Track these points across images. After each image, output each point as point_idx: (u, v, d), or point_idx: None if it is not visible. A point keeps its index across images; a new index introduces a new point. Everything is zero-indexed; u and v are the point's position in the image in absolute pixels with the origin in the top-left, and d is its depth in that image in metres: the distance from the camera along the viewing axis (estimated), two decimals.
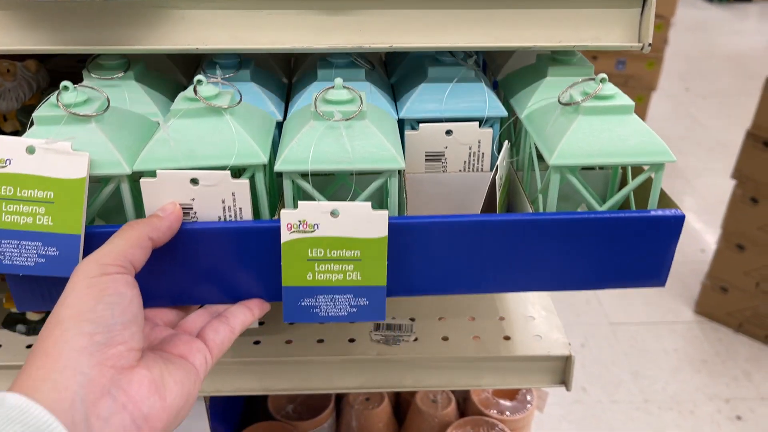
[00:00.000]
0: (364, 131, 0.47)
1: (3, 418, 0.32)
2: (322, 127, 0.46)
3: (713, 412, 1.76)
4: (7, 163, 0.43)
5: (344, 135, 0.46)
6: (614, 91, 0.49)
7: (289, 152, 0.46)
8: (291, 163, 0.46)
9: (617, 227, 0.47)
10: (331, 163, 0.46)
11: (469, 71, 0.57)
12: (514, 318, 0.72)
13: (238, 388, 0.69)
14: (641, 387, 1.86)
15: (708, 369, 1.90)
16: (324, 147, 0.46)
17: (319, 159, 0.46)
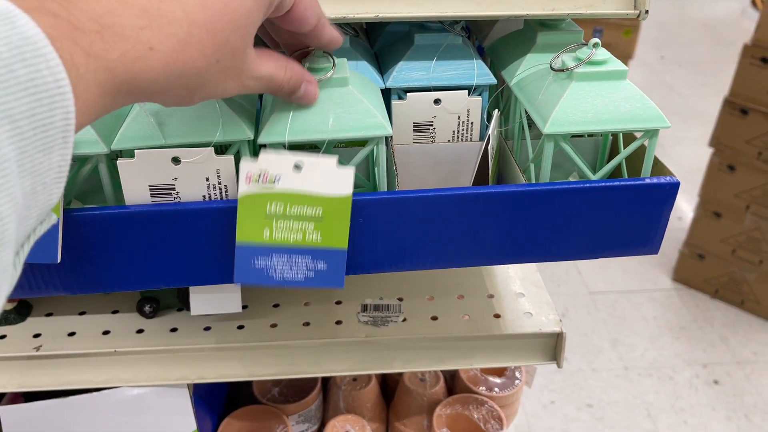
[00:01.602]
0: (347, 98, 0.45)
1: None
2: None
3: (691, 377, 1.80)
4: None
5: (326, 103, 0.44)
6: (607, 56, 0.48)
7: (270, 124, 0.44)
8: (273, 134, 0.44)
9: (614, 196, 0.46)
10: (314, 133, 0.44)
11: (456, 38, 0.55)
12: (503, 295, 0.72)
13: (222, 374, 0.67)
14: (621, 354, 1.89)
15: (686, 335, 1.94)
16: (306, 116, 0.44)
17: (300, 129, 0.44)
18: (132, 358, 0.66)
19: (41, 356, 0.65)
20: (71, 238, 0.43)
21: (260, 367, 0.67)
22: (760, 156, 1.72)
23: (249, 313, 0.70)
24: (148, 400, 0.68)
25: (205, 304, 0.67)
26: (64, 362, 0.66)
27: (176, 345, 0.66)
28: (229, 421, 0.80)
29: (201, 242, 0.45)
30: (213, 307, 0.67)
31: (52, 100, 0.26)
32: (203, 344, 0.66)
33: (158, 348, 0.66)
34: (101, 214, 0.43)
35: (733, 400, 1.73)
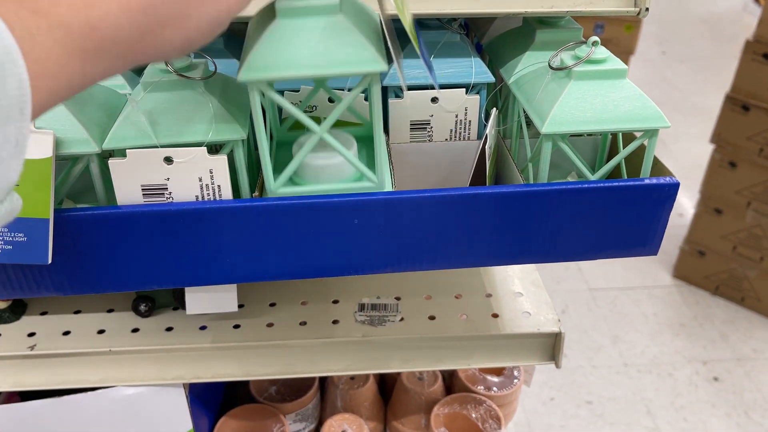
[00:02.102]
0: (340, 29, 0.39)
1: None
2: (291, 26, 0.39)
3: (691, 374, 1.80)
4: None
5: (313, 33, 0.38)
6: (606, 54, 0.47)
7: (251, 58, 0.38)
8: (255, 70, 0.38)
9: (614, 197, 0.45)
10: (300, 68, 0.38)
11: (454, 35, 0.54)
12: (501, 294, 0.71)
13: (218, 374, 0.67)
14: (621, 351, 1.89)
15: (686, 332, 1.93)
16: (290, 49, 0.38)
17: (284, 64, 0.38)
18: (127, 358, 0.66)
19: (36, 355, 0.65)
20: (62, 239, 0.43)
21: (257, 366, 0.67)
22: (761, 152, 1.72)
23: (245, 312, 0.70)
24: (143, 400, 0.67)
25: (201, 303, 0.66)
26: (59, 361, 0.65)
27: (172, 344, 0.66)
28: (225, 420, 0.79)
29: (194, 242, 0.44)
30: (209, 306, 0.66)
31: (1, 68, 0.24)
32: (199, 343, 0.66)
33: (154, 347, 0.65)
34: (93, 215, 0.42)
35: (733, 397, 1.73)
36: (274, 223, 0.44)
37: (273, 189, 0.44)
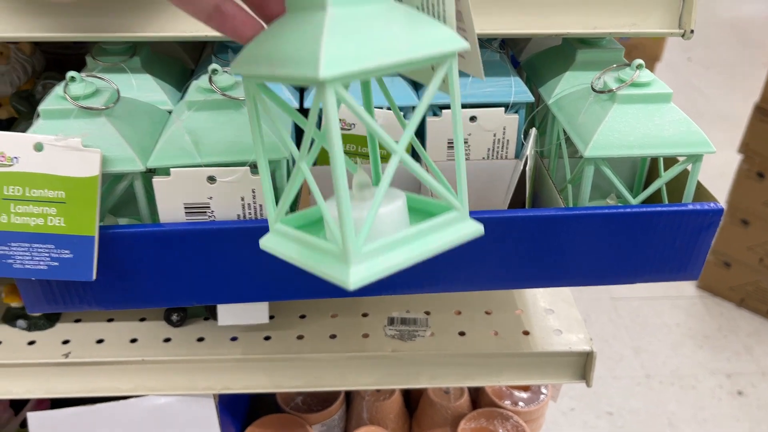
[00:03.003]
0: (403, 12, 0.34)
1: None
2: (349, 15, 0.32)
3: (714, 387, 1.77)
4: (14, 161, 0.40)
5: (383, 20, 0.33)
6: (651, 78, 0.47)
7: (327, 53, 0.29)
8: (337, 65, 0.29)
9: (657, 221, 0.45)
10: (385, 56, 0.31)
11: (494, 54, 0.54)
12: (532, 311, 0.71)
13: (247, 386, 0.67)
14: (642, 362, 1.87)
15: (710, 344, 1.91)
16: (363, 39, 0.31)
17: (365, 54, 0.31)
18: (159, 367, 0.66)
19: (70, 363, 0.66)
20: (106, 256, 0.43)
21: (286, 379, 0.67)
22: None
23: (275, 324, 0.70)
24: (174, 410, 0.68)
25: (233, 315, 0.67)
26: (93, 369, 0.66)
27: (203, 355, 0.66)
28: (252, 430, 0.80)
29: (235, 261, 0.45)
30: (240, 318, 0.67)
31: None
32: (229, 355, 0.66)
33: (185, 357, 0.66)
34: (137, 232, 0.43)
35: (757, 411, 1.70)
36: None
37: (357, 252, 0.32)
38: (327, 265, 0.32)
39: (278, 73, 0.30)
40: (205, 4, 0.33)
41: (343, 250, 0.31)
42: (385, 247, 0.32)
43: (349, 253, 0.30)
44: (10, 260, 0.41)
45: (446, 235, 0.34)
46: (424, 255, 0.33)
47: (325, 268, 0.32)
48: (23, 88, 0.68)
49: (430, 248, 0.33)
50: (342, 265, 0.31)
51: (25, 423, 0.83)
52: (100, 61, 0.51)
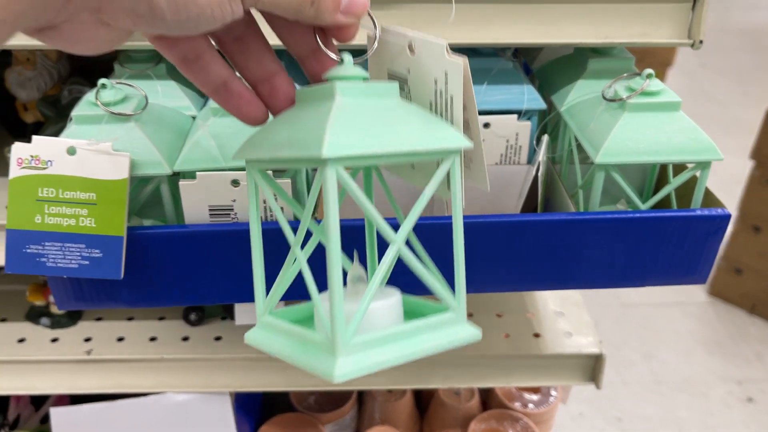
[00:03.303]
0: (411, 109, 0.34)
1: None
2: (354, 105, 0.32)
3: (725, 393, 1.77)
4: (48, 165, 0.42)
5: (374, 113, 0.32)
6: (660, 87, 0.48)
7: (339, 131, 0.29)
8: (341, 146, 0.29)
9: (665, 226, 0.46)
10: (384, 146, 0.30)
11: (507, 62, 0.56)
12: (543, 314, 0.72)
13: (263, 384, 0.69)
14: (652, 368, 1.87)
15: (720, 351, 1.90)
16: (360, 132, 0.31)
17: (364, 141, 0.30)
18: (177, 365, 0.68)
19: (92, 360, 0.68)
20: (134, 255, 0.45)
21: (300, 377, 0.69)
22: None
23: None
24: (191, 407, 0.69)
25: (250, 314, 0.69)
26: (113, 366, 0.68)
27: (220, 354, 0.68)
28: (266, 429, 0.81)
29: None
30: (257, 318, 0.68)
31: None
32: (246, 354, 0.68)
33: (202, 356, 0.68)
34: (163, 233, 0.44)
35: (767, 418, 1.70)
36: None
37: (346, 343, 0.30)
38: (312, 357, 0.30)
39: (281, 155, 0.30)
40: (214, 78, 0.33)
41: (331, 341, 0.29)
42: (376, 341, 0.30)
43: (337, 344, 0.29)
44: (44, 259, 0.43)
45: (441, 336, 0.33)
46: (416, 354, 0.31)
47: (310, 359, 0.30)
48: (49, 93, 0.70)
49: (423, 348, 0.32)
50: (329, 356, 0.29)
51: (45, 419, 0.85)
52: (128, 68, 0.53)
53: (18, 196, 0.42)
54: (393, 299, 0.33)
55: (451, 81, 0.34)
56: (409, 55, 0.35)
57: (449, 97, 0.34)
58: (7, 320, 0.73)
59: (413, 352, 0.31)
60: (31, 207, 0.42)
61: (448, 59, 0.33)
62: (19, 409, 0.83)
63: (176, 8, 0.26)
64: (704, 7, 0.46)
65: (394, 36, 0.35)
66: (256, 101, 0.35)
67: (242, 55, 0.34)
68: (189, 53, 0.32)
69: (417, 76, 0.35)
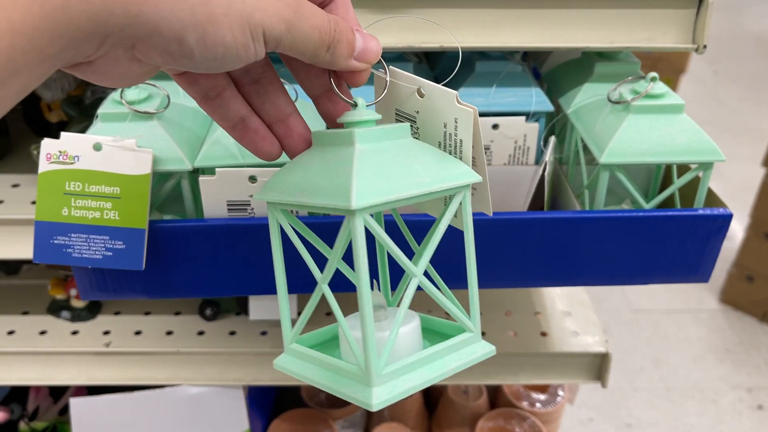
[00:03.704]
0: (425, 148, 0.36)
1: None
2: (370, 151, 0.33)
3: (735, 401, 1.76)
4: (75, 160, 0.44)
5: (390, 155, 0.34)
6: (664, 90, 0.49)
7: (364, 183, 0.31)
8: (367, 196, 0.31)
9: (668, 225, 0.48)
10: (406, 188, 0.32)
11: (516, 66, 0.57)
12: (550, 313, 0.73)
13: (276, 378, 0.71)
14: (663, 375, 1.87)
15: (731, 358, 1.90)
16: (377, 173, 0.32)
17: (386, 187, 0.32)
18: (193, 359, 0.70)
19: (110, 352, 0.70)
20: (154, 248, 0.47)
21: None
22: None
23: None
24: (205, 400, 0.71)
25: (263, 310, 0.71)
26: (131, 359, 0.70)
27: (234, 348, 0.70)
28: (278, 423, 0.83)
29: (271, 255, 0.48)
30: (271, 313, 0.70)
31: None
32: (259, 348, 0.70)
33: (217, 350, 0.70)
34: (184, 226, 0.46)
35: None
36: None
37: (379, 373, 0.32)
38: (348, 386, 0.33)
39: (307, 202, 0.32)
40: (233, 114, 0.35)
41: (365, 372, 0.32)
42: (405, 368, 0.33)
43: (371, 376, 0.32)
44: (70, 249, 0.45)
45: (461, 356, 0.35)
46: (442, 376, 0.34)
47: (347, 390, 0.33)
48: (73, 93, 0.73)
49: (447, 369, 0.34)
50: (364, 387, 0.32)
51: (63, 411, 0.87)
52: None
53: (47, 190, 0.45)
54: (413, 324, 0.36)
55: (461, 126, 0.36)
56: (418, 98, 0.37)
57: (459, 140, 0.36)
58: (29, 313, 0.75)
59: (439, 374, 0.34)
60: (59, 200, 0.45)
61: (459, 107, 0.35)
62: (38, 401, 0.85)
63: (204, 47, 0.28)
64: (708, 12, 0.47)
65: (404, 79, 0.37)
66: (271, 138, 0.36)
67: (259, 97, 0.36)
68: (210, 91, 0.34)
69: (426, 119, 0.37)
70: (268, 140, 0.36)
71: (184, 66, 0.29)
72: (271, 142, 0.36)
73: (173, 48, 0.27)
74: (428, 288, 0.35)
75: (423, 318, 0.39)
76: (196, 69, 0.29)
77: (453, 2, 0.49)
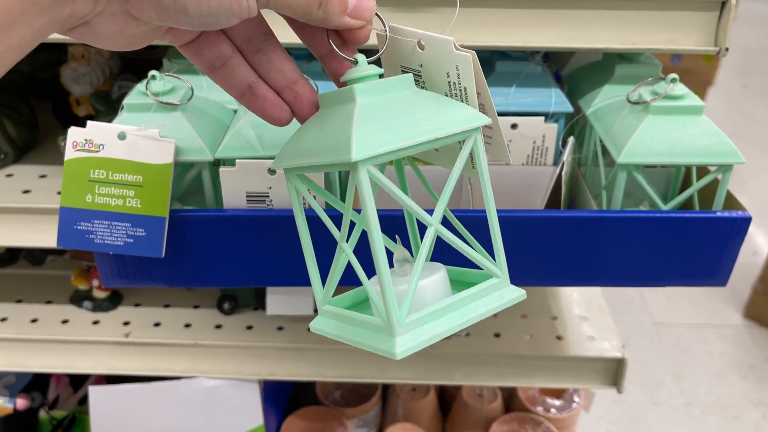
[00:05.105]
0: (426, 96, 0.36)
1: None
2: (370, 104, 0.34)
3: (758, 418, 1.73)
4: (100, 148, 0.45)
5: (396, 105, 0.34)
6: (684, 91, 0.49)
7: (365, 134, 0.31)
8: (368, 147, 0.31)
9: (685, 227, 0.47)
10: (411, 136, 0.32)
11: (536, 66, 0.57)
12: (566, 317, 0.73)
13: (291, 373, 0.71)
14: (683, 390, 1.84)
15: (755, 374, 1.86)
16: (383, 121, 0.33)
17: (388, 136, 0.32)
18: (210, 351, 0.71)
19: (130, 343, 0.71)
20: (174, 236, 0.48)
21: (327, 368, 0.71)
22: None
23: None
24: (221, 392, 0.72)
25: (280, 305, 0.71)
26: (150, 350, 0.71)
27: (251, 342, 0.71)
28: (292, 420, 0.83)
29: (289, 246, 0.49)
30: (287, 309, 0.71)
31: None
32: (276, 343, 0.71)
33: (234, 343, 0.71)
34: (204, 216, 0.47)
35: None
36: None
37: (400, 323, 0.33)
38: (373, 339, 0.33)
39: (315, 162, 0.33)
40: (240, 82, 0.36)
41: (387, 323, 0.32)
42: (428, 316, 0.33)
43: (393, 326, 0.32)
44: (92, 236, 0.46)
45: (488, 301, 0.35)
46: (466, 323, 0.34)
47: (372, 341, 0.33)
48: (101, 88, 0.74)
49: (472, 316, 0.34)
50: (388, 337, 0.32)
51: (83, 401, 0.89)
52: (176, 63, 0.56)
53: (72, 177, 0.46)
54: (438, 275, 0.35)
55: (463, 73, 0.36)
56: (419, 51, 0.37)
57: (463, 87, 0.36)
58: (52, 302, 0.77)
59: (463, 321, 0.34)
60: (84, 187, 0.46)
61: (458, 54, 0.35)
62: (58, 390, 0.87)
63: (198, 1, 0.28)
64: (730, 15, 0.47)
65: (404, 34, 0.37)
66: (280, 103, 0.37)
67: (263, 66, 0.36)
68: (215, 60, 0.35)
69: (430, 70, 0.38)
70: (278, 106, 0.37)
71: (180, 22, 0.29)
72: (281, 108, 0.37)
73: (167, 2, 0.28)
74: (446, 236, 0.34)
75: (454, 271, 0.38)
76: (192, 25, 0.30)
77: (474, 1, 0.49)
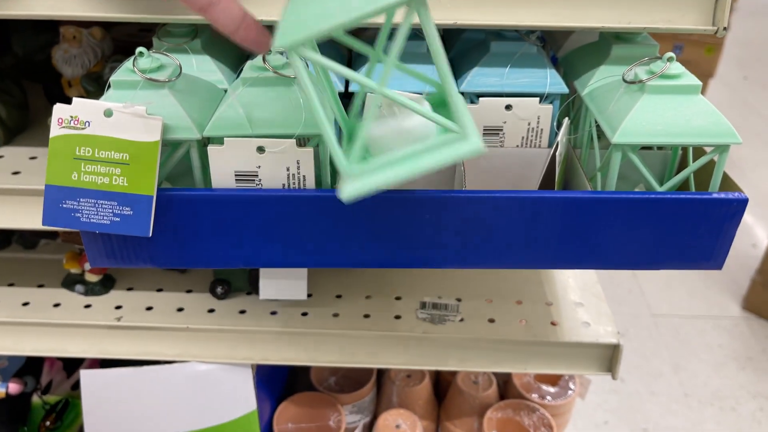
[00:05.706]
0: None
1: None
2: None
3: (755, 410, 1.73)
4: (86, 125, 0.45)
5: None
6: (681, 70, 0.48)
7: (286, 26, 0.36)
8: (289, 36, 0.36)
9: (680, 208, 0.47)
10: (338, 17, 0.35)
11: (531, 47, 0.57)
12: (562, 303, 0.72)
13: (284, 358, 0.71)
14: (681, 380, 1.83)
15: (753, 366, 1.86)
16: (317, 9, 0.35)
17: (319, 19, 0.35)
18: (202, 335, 0.71)
19: (122, 326, 0.70)
20: (162, 216, 0.47)
21: (321, 353, 0.70)
22: None
23: (313, 302, 0.73)
24: (214, 377, 0.72)
25: (274, 290, 0.71)
26: (142, 334, 0.71)
27: (244, 326, 0.70)
28: (286, 405, 0.83)
29: (278, 226, 0.48)
30: (280, 293, 0.70)
31: None
32: (269, 327, 0.70)
33: (227, 328, 0.70)
34: (191, 195, 0.47)
35: None
36: (352, 213, 0.47)
37: (347, 170, 0.38)
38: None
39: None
40: (235, 16, 0.40)
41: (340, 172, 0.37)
42: (380, 166, 0.37)
43: (343, 174, 0.37)
44: (78, 214, 0.46)
45: (442, 153, 0.37)
46: (415, 172, 0.36)
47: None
48: (93, 70, 0.74)
49: (421, 166, 0.36)
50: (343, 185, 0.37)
51: (76, 385, 0.88)
52: (165, 42, 0.55)
53: (57, 154, 0.45)
54: (413, 121, 0.39)
55: None
56: None
57: None
58: (44, 286, 0.77)
59: (412, 170, 0.36)
60: (69, 165, 0.45)
61: None
62: (51, 375, 0.87)
63: None
64: None
65: None
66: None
67: None
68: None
69: None
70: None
71: None
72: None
73: None
74: (391, 96, 0.37)
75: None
76: None
77: None
